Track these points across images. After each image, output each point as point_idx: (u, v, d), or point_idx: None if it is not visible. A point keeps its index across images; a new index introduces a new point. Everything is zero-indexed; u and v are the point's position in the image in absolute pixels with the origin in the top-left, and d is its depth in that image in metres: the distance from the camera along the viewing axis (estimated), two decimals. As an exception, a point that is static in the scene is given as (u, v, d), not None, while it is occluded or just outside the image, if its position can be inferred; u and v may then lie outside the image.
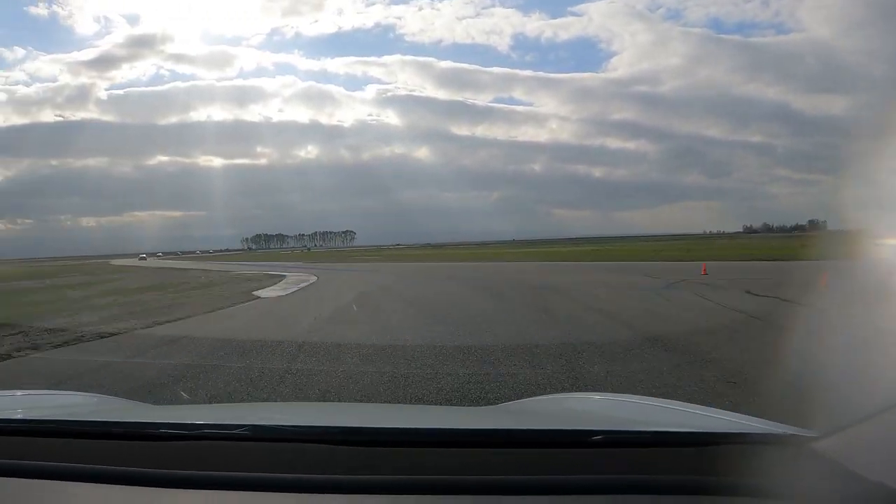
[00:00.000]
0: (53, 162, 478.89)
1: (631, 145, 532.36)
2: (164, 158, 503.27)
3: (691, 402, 1.88)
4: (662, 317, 9.04)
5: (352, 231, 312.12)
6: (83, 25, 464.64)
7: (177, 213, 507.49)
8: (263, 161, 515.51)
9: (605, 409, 1.80)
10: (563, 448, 1.15)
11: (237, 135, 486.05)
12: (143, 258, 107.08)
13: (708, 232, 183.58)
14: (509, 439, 1.22)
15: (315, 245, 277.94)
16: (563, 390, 4.47)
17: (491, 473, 1.04)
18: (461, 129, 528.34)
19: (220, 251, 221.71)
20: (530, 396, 3.06)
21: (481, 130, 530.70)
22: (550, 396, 2.93)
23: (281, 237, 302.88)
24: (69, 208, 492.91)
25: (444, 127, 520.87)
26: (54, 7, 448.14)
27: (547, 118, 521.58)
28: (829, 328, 1.79)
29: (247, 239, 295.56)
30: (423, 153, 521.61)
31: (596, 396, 2.50)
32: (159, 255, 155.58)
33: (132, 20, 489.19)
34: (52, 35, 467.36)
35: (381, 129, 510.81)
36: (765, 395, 3.92)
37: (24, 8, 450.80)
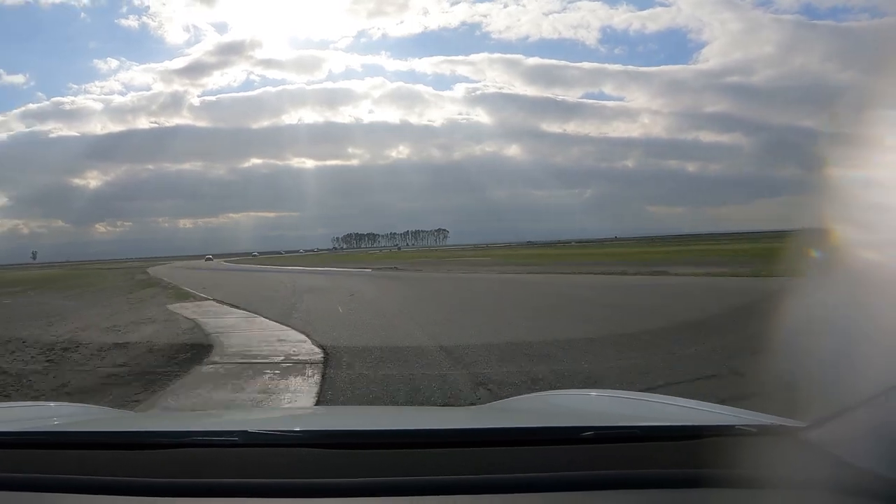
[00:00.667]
0: (150, 166, 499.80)
1: (725, 139, 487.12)
2: (257, 161, 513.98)
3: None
4: None
5: (444, 229, 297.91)
6: (173, 35, 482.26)
7: (270, 214, 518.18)
8: (355, 162, 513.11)
9: (595, 406, 1.78)
10: (553, 445, 1.13)
11: (328, 136, 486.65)
12: (210, 259, 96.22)
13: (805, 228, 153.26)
14: (499, 438, 1.21)
15: (406, 244, 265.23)
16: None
17: (481, 472, 1.02)
18: (551, 126, 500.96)
19: (317, 250, 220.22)
20: None
21: (572, 127, 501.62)
22: (539, 394, 2.59)
23: (372, 236, 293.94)
24: (166, 211, 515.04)
25: (534, 124, 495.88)
26: (144, 18, 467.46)
27: (638, 113, 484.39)
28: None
29: (337, 238, 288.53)
30: (513, 151, 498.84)
31: (585, 393, 2.37)
32: (255, 255, 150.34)
33: (220, 28, 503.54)
34: (143, 45, 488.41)
35: (472, 128, 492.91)
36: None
37: (115, 21, 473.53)
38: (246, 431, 1.22)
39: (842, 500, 0.86)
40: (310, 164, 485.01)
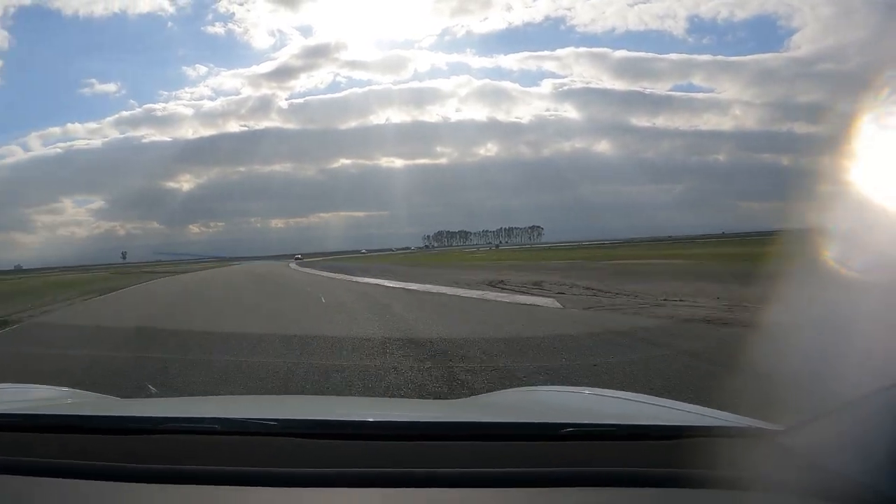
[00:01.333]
0: (241, 168, 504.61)
1: (819, 129, 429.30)
2: (346, 161, 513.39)
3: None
4: None
5: (539, 226, 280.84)
6: (259, 40, 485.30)
7: (360, 214, 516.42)
8: (443, 160, 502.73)
9: (576, 403, 1.79)
10: (533, 441, 1.14)
11: (416, 136, 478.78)
12: (299, 258, 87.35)
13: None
14: (480, 432, 1.21)
15: (500, 242, 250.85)
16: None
17: (460, 466, 1.02)
18: (641, 121, 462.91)
19: (420, 248, 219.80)
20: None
21: (661, 121, 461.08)
22: (521, 389, 2.64)
23: (463, 234, 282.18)
24: (258, 211, 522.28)
25: (623, 118, 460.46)
26: (230, 25, 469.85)
27: (729, 104, 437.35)
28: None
29: (428, 236, 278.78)
30: (603, 146, 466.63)
31: (566, 390, 2.36)
32: (363, 252, 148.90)
33: (305, 32, 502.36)
34: (230, 51, 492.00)
35: (560, 124, 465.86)
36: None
37: (202, 28, 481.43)
38: (225, 419, 1.24)
39: None
40: (398, 163, 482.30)
